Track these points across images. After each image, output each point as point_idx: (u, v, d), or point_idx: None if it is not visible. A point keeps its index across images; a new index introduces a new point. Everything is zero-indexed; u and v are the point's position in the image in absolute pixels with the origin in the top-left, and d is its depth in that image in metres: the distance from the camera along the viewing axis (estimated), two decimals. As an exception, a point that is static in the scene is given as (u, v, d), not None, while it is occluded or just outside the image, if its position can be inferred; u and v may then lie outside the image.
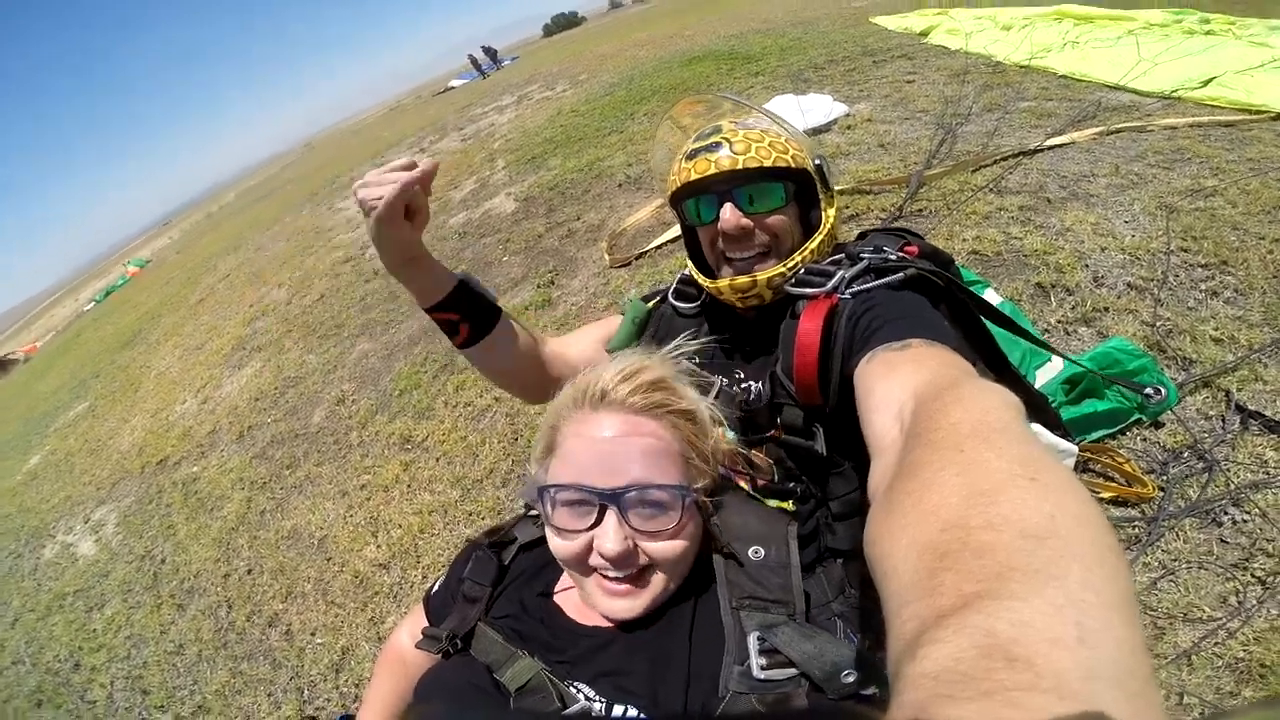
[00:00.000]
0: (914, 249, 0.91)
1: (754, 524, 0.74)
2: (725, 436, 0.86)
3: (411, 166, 0.83)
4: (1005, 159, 3.01)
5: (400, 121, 19.40)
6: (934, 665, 0.25)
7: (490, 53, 26.30)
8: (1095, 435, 1.56)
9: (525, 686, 0.66)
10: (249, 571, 2.57)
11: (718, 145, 0.90)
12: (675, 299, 1.11)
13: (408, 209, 0.85)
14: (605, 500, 0.67)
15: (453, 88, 23.73)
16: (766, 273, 0.90)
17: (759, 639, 0.62)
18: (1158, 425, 1.55)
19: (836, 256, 0.92)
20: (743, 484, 0.89)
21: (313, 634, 2.09)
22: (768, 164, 0.89)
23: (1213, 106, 2.98)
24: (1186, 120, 2.89)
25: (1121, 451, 1.50)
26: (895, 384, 0.58)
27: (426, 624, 0.88)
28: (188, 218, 38.57)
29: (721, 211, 0.91)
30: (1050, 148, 3.00)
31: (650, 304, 1.18)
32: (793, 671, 0.60)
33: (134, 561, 3.11)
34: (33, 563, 3.71)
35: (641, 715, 0.62)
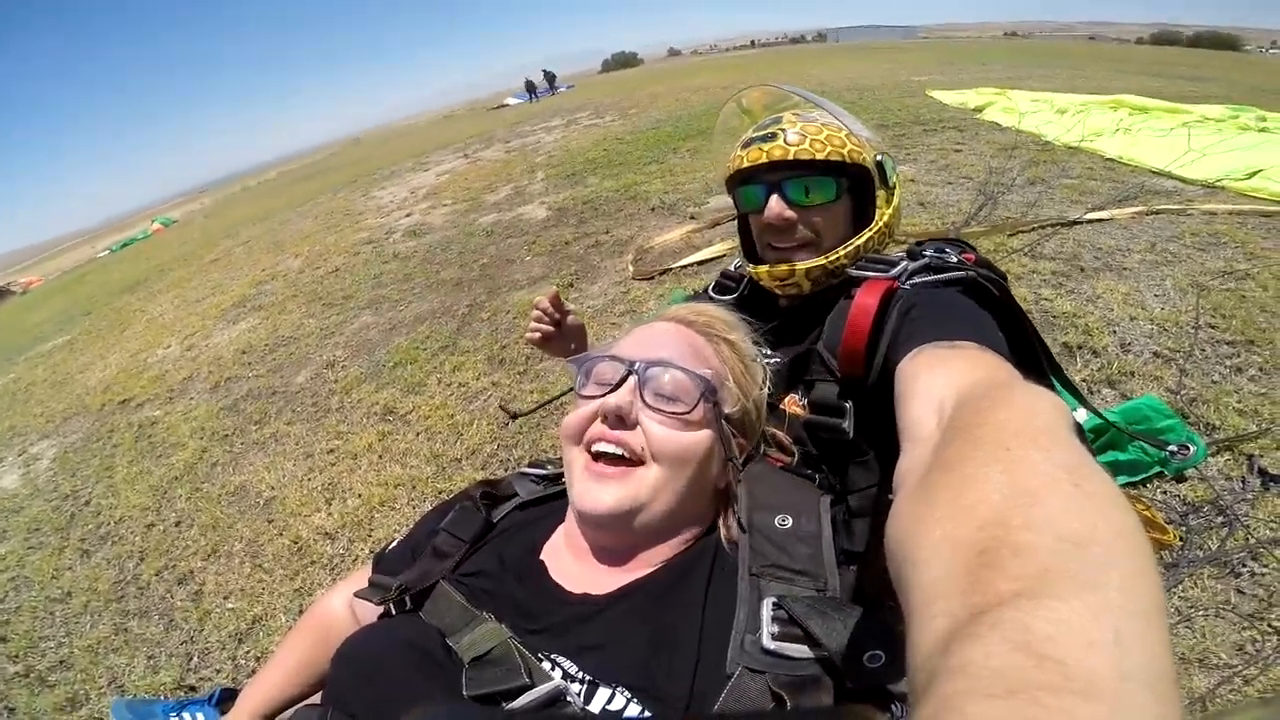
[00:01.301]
0: (971, 256, 0.91)
1: (782, 492, 0.70)
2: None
3: (540, 306, 1.06)
4: (1043, 227, 3.00)
5: (450, 129, 19.92)
6: (963, 660, 0.24)
7: (549, 76, 27.28)
8: (1118, 482, 1.52)
9: (485, 656, 0.57)
10: (177, 524, 2.36)
11: (772, 135, 0.92)
12: (714, 291, 1.14)
13: (556, 324, 1.09)
14: (630, 368, 0.67)
15: (507, 105, 24.46)
16: (805, 264, 0.91)
17: (774, 604, 0.56)
18: (1179, 479, 1.55)
19: (900, 253, 0.93)
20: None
21: (225, 598, 1.87)
22: (819, 157, 0.89)
23: (1254, 197, 3.03)
24: (1227, 207, 2.93)
25: (1143, 499, 1.50)
26: (940, 377, 0.57)
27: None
28: (225, 189, 39.38)
29: (768, 201, 0.92)
30: (1089, 221, 3.01)
31: (690, 294, 1.27)
32: (808, 652, 0.53)
33: (55, 500, 2.89)
34: (-57, 490, 3.44)
35: (632, 701, 0.53)
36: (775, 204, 0.91)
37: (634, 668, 0.55)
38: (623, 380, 0.66)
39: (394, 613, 0.70)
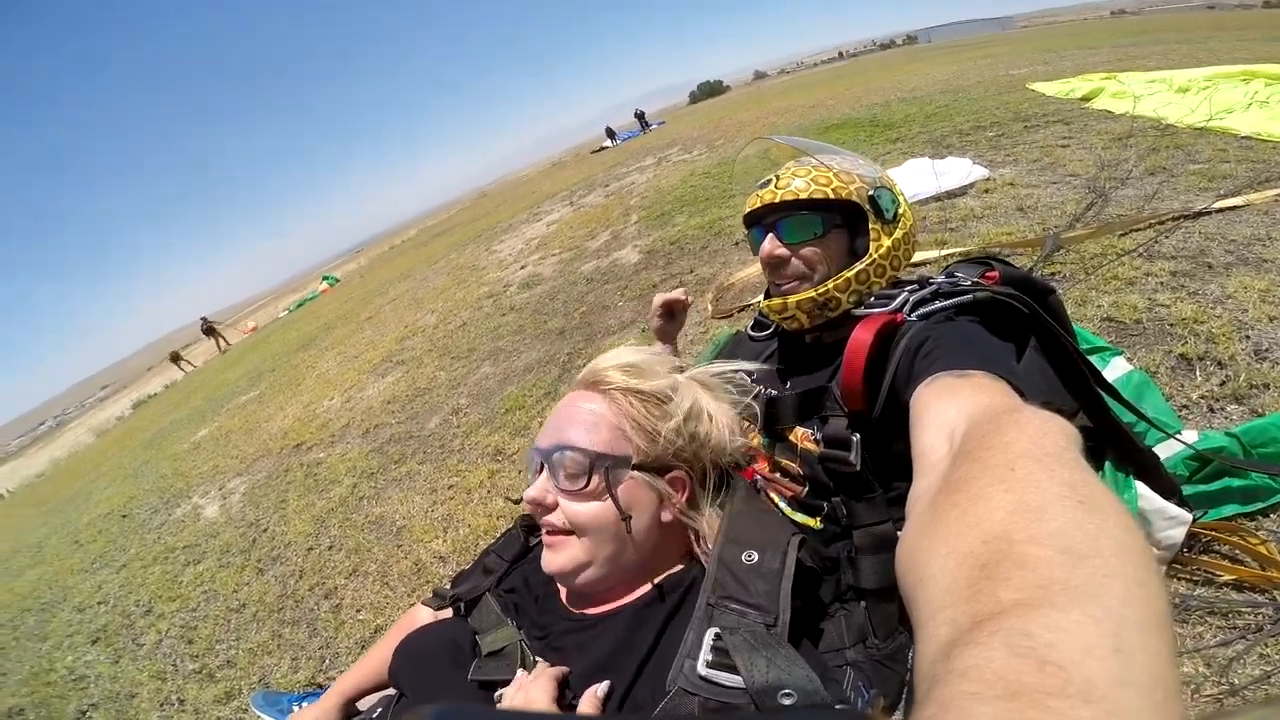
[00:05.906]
0: (994, 274, 0.91)
1: (756, 529, 0.72)
2: (757, 440, 0.95)
3: (668, 300, 1.25)
4: (1162, 221, 2.65)
5: (559, 176, 21.16)
6: (964, 664, 0.25)
7: (640, 116, 28.33)
8: (1226, 511, 1.34)
9: (499, 652, 0.72)
10: (330, 548, 2.81)
11: (768, 182, 0.99)
12: (752, 329, 1.21)
13: (670, 314, 1.27)
14: (541, 457, 0.73)
15: (606, 147, 25.68)
16: (795, 296, 0.95)
17: (715, 635, 0.60)
18: (1313, 511, 1.32)
19: (911, 283, 0.95)
20: (773, 495, 0.95)
21: (358, 611, 2.22)
22: (803, 196, 0.94)
23: None
24: (1395, 180, 2.41)
25: (1260, 533, 1.29)
26: (950, 406, 0.58)
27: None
28: (376, 247, 44.62)
29: (763, 241, 0.99)
30: (1220, 210, 2.61)
31: (734, 333, 1.34)
32: (739, 681, 0.55)
33: (242, 528, 3.52)
34: (164, 518, 4.33)
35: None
36: (768, 243, 0.97)
37: (582, 682, 0.64)
38: (539, 472, 0.74)
39: (454, 616, 0.88)
